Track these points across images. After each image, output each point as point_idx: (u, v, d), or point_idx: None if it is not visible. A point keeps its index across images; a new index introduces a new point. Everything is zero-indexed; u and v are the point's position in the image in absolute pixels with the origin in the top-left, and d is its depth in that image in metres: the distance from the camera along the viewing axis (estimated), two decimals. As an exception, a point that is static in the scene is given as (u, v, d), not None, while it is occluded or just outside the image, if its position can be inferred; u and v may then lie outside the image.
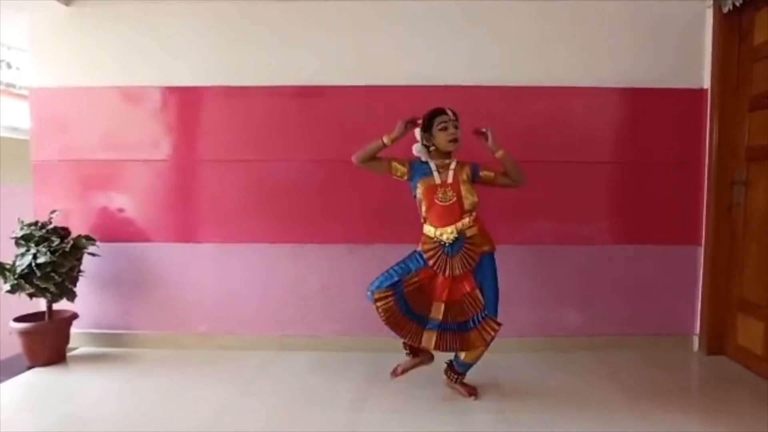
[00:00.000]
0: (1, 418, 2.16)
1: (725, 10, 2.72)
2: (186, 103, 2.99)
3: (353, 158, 2.24)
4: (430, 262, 2.16)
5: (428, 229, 2.19)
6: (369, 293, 2.18)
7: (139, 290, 3.02)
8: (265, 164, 2.97)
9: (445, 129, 2.18)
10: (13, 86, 3.65)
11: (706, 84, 2.89)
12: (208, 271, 3.01)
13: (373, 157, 2.22)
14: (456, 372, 2.35)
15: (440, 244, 2.15)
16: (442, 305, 2.16)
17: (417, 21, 2.90)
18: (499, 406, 2.27)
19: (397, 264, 2.23)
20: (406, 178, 2.24)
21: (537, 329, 2.97)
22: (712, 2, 2.82)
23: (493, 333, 2.16)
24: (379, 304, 2.13)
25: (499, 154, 2.20)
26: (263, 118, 2.95)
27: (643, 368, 2.70)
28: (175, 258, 3.01)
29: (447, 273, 2.14)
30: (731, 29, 2.78)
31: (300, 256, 2.98)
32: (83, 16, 2.96)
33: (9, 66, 3.67)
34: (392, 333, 2.19)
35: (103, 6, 2.95)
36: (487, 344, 2.20)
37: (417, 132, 2.26)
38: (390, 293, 2.14)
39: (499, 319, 2.20)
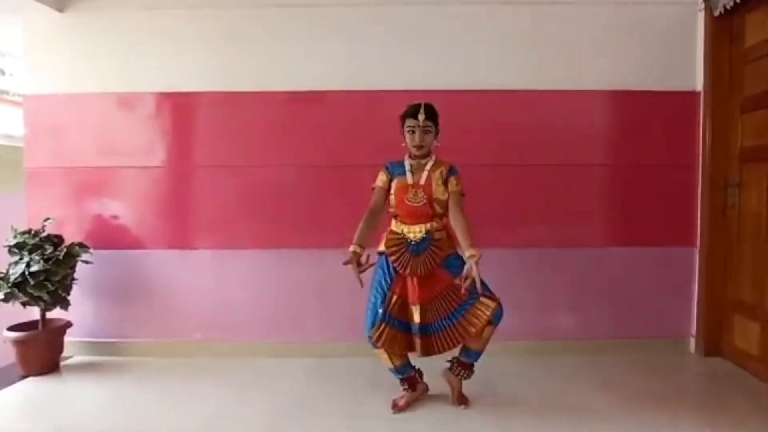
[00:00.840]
0: (-6, 428, 2.14)
1: (716, 13, 2.74)
2: (180, 109, 2.99)
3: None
4: (392, 258, 2.12)
5: (396, 225, 2.19)
6: (368, 338, 2.14)
7: (133, 298, 3.01)
8: (260, 170, 2.96)
9: (412, 133, 2.14)
10: (7, 93, 3.63)
11: (699, 86, 2.91)
12: (203, 277, 3.00)
13: (370, 227, 2.13)
14: (463, 364, 2.22)
15: (405, 242, 2.13)
16: (418, 307, 2.10)
17: (411, 26, 2.91)
18: (494, 409, 2.26)
19: (373, 294, 2.18)
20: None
21: (532, 333, 2.96)
22: (703, 5, 2.84)
23: (490, 310, 2.04)
24: (379, 342, 2.09)
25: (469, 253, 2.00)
26: (258, 123, 2.95)
27: (640, 370, 2.70)
28: (169, 265, 3.00)
29: (407, 271, 2.10)
30: (723, 32, 2.79)
31: (295, 261, 2.97)
32: (77, 22, 2.96)
33: (3, 73, 3.65)
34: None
35: (97, 12, 2.95)
36: (488, 322, 2.06)
37: None
38: (382, 326, 2.10)
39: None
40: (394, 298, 2.13)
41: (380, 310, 2.11)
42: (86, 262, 2.85)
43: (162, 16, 2.94)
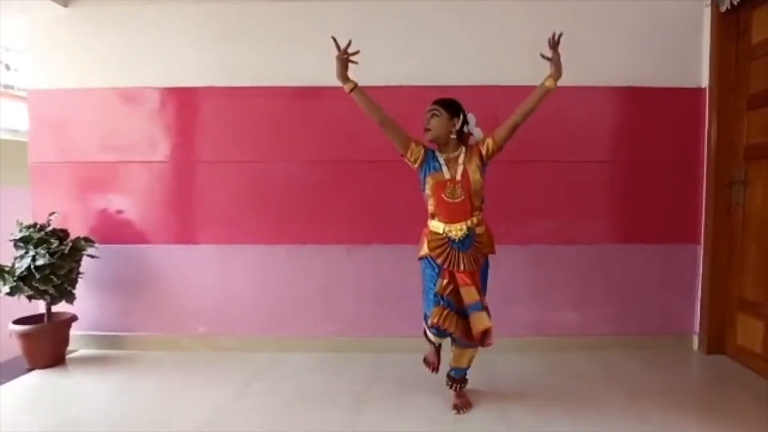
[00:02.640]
0: (1, 420, 2.16)
1: (723, 9, 2.72)
2: (184, 104, 2.99)
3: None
4: (440, 260, 2.08)
5: (436, 225, 2.11)
6: (429, 327, 2.15)
7: (138, 292, 3.03)
8: (264, 165, 2.97)
9: (427, 120, 2.11)
10: (12, 88, 3.64)
11: (705, 83, 2.89)
12: (207, 272, 3.02)
13: (390, 123, 2.11)
14: (453, 379, 2.29)
15: (448, 240, 2.09)
16: (473, 288, 2.07)
17: (414, 22, 2.90)
18: (498, 405, 2.27)
19: (425, 290, 2.17)
20: (417, 165, 2.13)
21: (536, 329, 2.97)
22: (709, 1, 2.82)
23: (481, 331, 2.06)
24: (443, 323, 2.07)
25: (549, 83, 2.09)
26: (261, 119, 2.95)
27: (643, 368, 2.70)
28: (173, 259, 3.01)
29: (461, 268, 2.07)
30: (729, 28, 2.78)
31: (298, 256, 2.98)
32: (81, 17, 2.96)
33: (8, 68, 3.66)
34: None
35: (101, 7, 2.95)
36: (476, 345, 2.13)
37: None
38: (439, 308, 2.09)
39: (496, 318, 2.18)
40: (444, 282, 2.09)
41: (438, 298, 2.09)
42: (92, 256, 2.86)
43: (166, 12, 2.94)
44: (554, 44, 2.10)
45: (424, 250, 2.14)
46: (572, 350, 2.92)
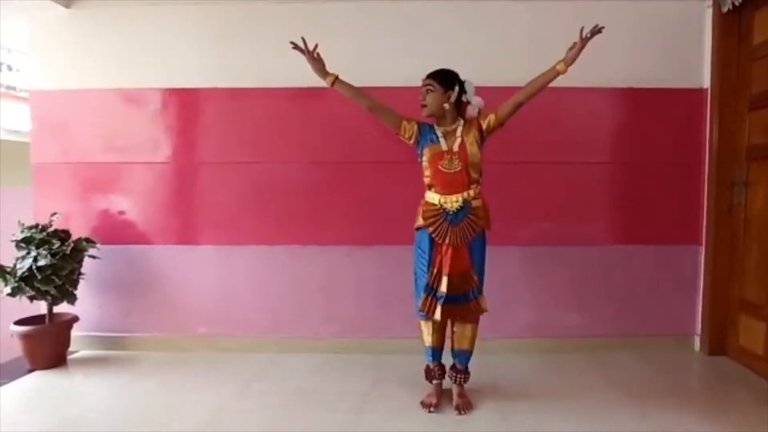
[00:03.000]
0: (2, 421, 2.16)
1: (725, 9, 2.72)
2: (186, 106, 3.00)
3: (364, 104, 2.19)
4: (430, 229, 2.11)
5: (431, 196, 2.14)
6: (419, 312, 2.21)
7: (139, 293, 3.03)
8: (265, 166, 2.97)
9: (422, 93, 2.14)
10: (14, 89, 3.66)
11: (706, 84, 2.89)
12: (208, 273, 3.02)
13: (379, 106, 2.18)
14: (458, 370, 2.29)
15: (443, 212, 2.10)
16: (446, 278, 2.11)
17: (415, 23, 2.90)
18: (499, 406, 2.26)
19: (416, 271, 2.23)
20: (412, 141, 2.17)
21: (537, 330, 2.96)
22: (711, 2, 2.81)
23: (479, 313, 2.21)
24: (431, 311, 2.14)
25: (560, 67, 2.10)
26: (262, 119, 2.96)
27: (644, 369, 2.70)
28: (175, 260, 3.02)
29: (447, 241, 2.10)
30: (731, 29, 2.77)
31: (299, 257, 2.98)
32: (83, 18, 2.97)
33: (9, 68, 3.68)
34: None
35: (103, 8, 2.96)
36: (476, 321, 2.24)
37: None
38: (429, 297, 2.15)
39: (498, 319, 2.19)
40: (434, 270, 2.14)
41: (427, 286, 2.15)
42: (93, 257, 2.87)
43: (168, 12, 2.95)
44: (586, 38, 2.12)
45: (418, 220, 2.18)
46: (573, 351, 2.91)
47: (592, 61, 2.89)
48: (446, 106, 2.13)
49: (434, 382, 2.32)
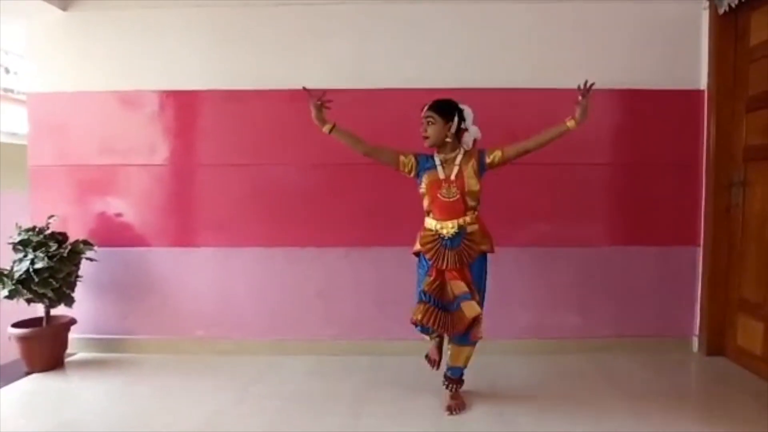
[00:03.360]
0: (0, 423, 2.15)
1: (721, 11, 2.72)
2: (183, 108, 3.00)
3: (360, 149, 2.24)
4: (428, 255, 2.16)
5: (429, 222, 2.19)
6: (413, 325, 2.19)
7: (136, 295, 3.02)
8: (263, 168, 2.97)
9: (423, 125, 2.18)
10: (12, 91, 3.65)
11: (703, 85, 2.90)
12: (206, 275, 3.01)
13: (375, 149, 2.23)
14: (451, 380, 2.28)
15: (439, 237, 2.15)
16: (460, 282, 2.12)
17: (414, 25, 2.90)
18: (497, 408, 2.26)
19: (418, 286, 2.25)
20: (413, 174, 2.22)
21: (535, 331, 2.96)
22: (708, 3, 2.82)
23: (470, 316, 2.09)
24: (420, 318, 2.12)
25: (571, 124, 2.16)
26: (261, 122, 2.95)
27: (643, 369, 2.70)
28: (172, 262, 3.01)
29: (444, 266, 2.13)
30: (727, 30, 2.78)
31: (297, 259, 2.98)
32: (80, 21, 2.97)
33: (7, 71, 3.67)
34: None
35: (100, 11, 2.96)
36: (473, 343, 2.20)
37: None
38: (422, 305, 2.14)
39: (497, 320, 2.19)
40: (431, 279, 2.15)
41: (422, 295, 2.16)
42: (90, 259, 2.86)
43: (166, 15, 2.95)
44: (584, 91, 2.17)
45: (417, 246, 2.24)
46: (572, 352, 2.91)
47: (591, 63, 2.92)
48: (448, 139, 2.17)
49: (432, 339, 2.35)
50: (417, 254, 2.28)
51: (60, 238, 2.78)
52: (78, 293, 2.84)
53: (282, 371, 2.72)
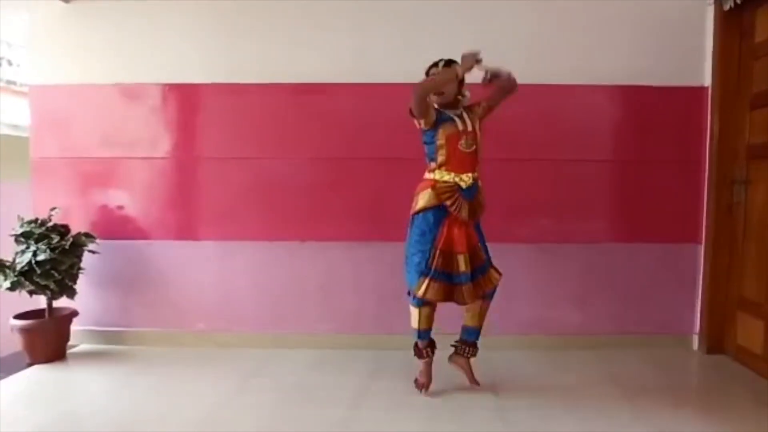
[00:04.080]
0: (2, 414, 2.17)
1: (726, 7, 2.70)
2: (185, 101, 2.99)
3: (420, 88, 2.14)
4: (448, 203, 2.15)
5: (443, 175, 2.18)
6: (411, 295, 2.21)
7: (138, 287, 3.03)
8: (264, 162, 2.97)
9: None
10: (14, 83, 3.65)
11: (707, 82, 2.88)
12: (207, 268, 3.02)
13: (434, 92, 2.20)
14: (468, 343, 2.32)
15: (458, 188, 2.16)
16: (464, 256, 2.16)
17: (414, 19, 2.89)
18: (497, 403, 2.26)
19: (411, 252, 2.22)
20: (429, 126, 2.18)
21: (536, 327, 2.96)
22: (713, 0, 2.80)
23: (496, 281, 2.27)
24: (426, 294, 2.15)
25: (489, 75, 2.23)
26: (262, 115, 2.95)
27: (643, 367, 2.70)
28: (174, 255, 3.02)
29: (464, 214, 2.15)
30: (732, 27, 2.76)
31: (298, 253, 2.98)
32: (82, 12, 2.96)
33: (9, 63, 3.67)
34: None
35: (102, 3, 2.95)
36: (492, 291, 2.28)
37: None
38: (427, 280, 2.15)
39: (498, 316, 2.20)
40: (437, 252, 2.16)
41: (424, 266, 2.16)
42: (92, 251, 2.87)
43: (168, 7, 2.94)
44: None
45: (427, 199, 2.18)
46: (573, 349, 2.91)
47: (594, 58, 2.91)
48: (459, 96, 2.24)
49: (424, 360, 2.34)
50: (419, 212, 2.20)
51: (62, 230, 2.79)
52: (80, 285, 2.85)
53: (282, 364, 2.73)
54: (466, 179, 2.17)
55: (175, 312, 3.03)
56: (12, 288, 2.64)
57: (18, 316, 2.76)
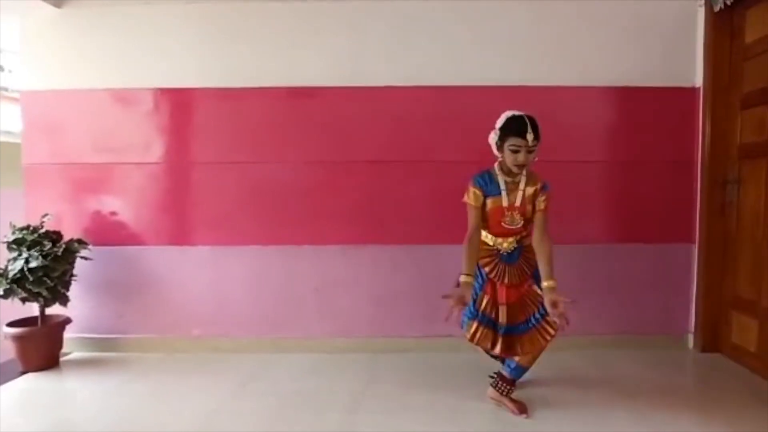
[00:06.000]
0: (-6, 423, 2.15)
1: (717, 8, 2.73)
2: (178, 105, 2.98)
3: (464, 247, 2.06)
4: (486, 270, 2.12)
5: (486, 236, 2.14)
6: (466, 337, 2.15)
7: (132, 294, 3.01)
8: (259, 166, 2.96)
9: (515, 152, 2.00)
10: (6, 89, 3.62)
11: (699, 82, 2.90)
12: (202, 273, 3.00)
13: (475, 251, 2.09)
14: (506, 381, 2.22)
15: (497, 252, 2.13)
16: (505, 308, 2.11)
17: (410, 22, 2.90)
18: (494, 405, 2.26)
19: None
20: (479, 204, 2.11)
21: (532, 329, 2.96)
22: (703, 1, 2.82)
23: (551, 335, 2.09)
24: (474, 338, 2.09)
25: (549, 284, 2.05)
26: (256, 119, 2.94)
27: (638, 366, 2.71)
28: (168, 261, 3.00)
29: (506, 281, 2.11)
30: (723, 27, 2.78)
31: (293, 257, 2.97)
32: (74, 18, 2.95)
33: (2, 69, 3.64)
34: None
35: (95, 8, 2.94)
36: (546, 344, 2.12)
37: (492, 134, 2.12)
38: (475, 323, 2.10)
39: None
40: (486, 298, 2.12)
41: (473, 307, 2.10)
42: (85, 258, 2.85)
43: (160, 12, 2.93)
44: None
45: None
46: (567, 349, 2.91)
47: (586, 60, 2.92)
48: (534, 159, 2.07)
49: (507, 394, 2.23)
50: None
51: (54, 236, 2.77)
52: (73, 292, 2.82)
53: (279, 369, 2.72)
54: (507, 246, 2.11)
55: (169, 318, 3.01)
56: (4, 295, 2.62)
57: (11, 324, 2.73)
